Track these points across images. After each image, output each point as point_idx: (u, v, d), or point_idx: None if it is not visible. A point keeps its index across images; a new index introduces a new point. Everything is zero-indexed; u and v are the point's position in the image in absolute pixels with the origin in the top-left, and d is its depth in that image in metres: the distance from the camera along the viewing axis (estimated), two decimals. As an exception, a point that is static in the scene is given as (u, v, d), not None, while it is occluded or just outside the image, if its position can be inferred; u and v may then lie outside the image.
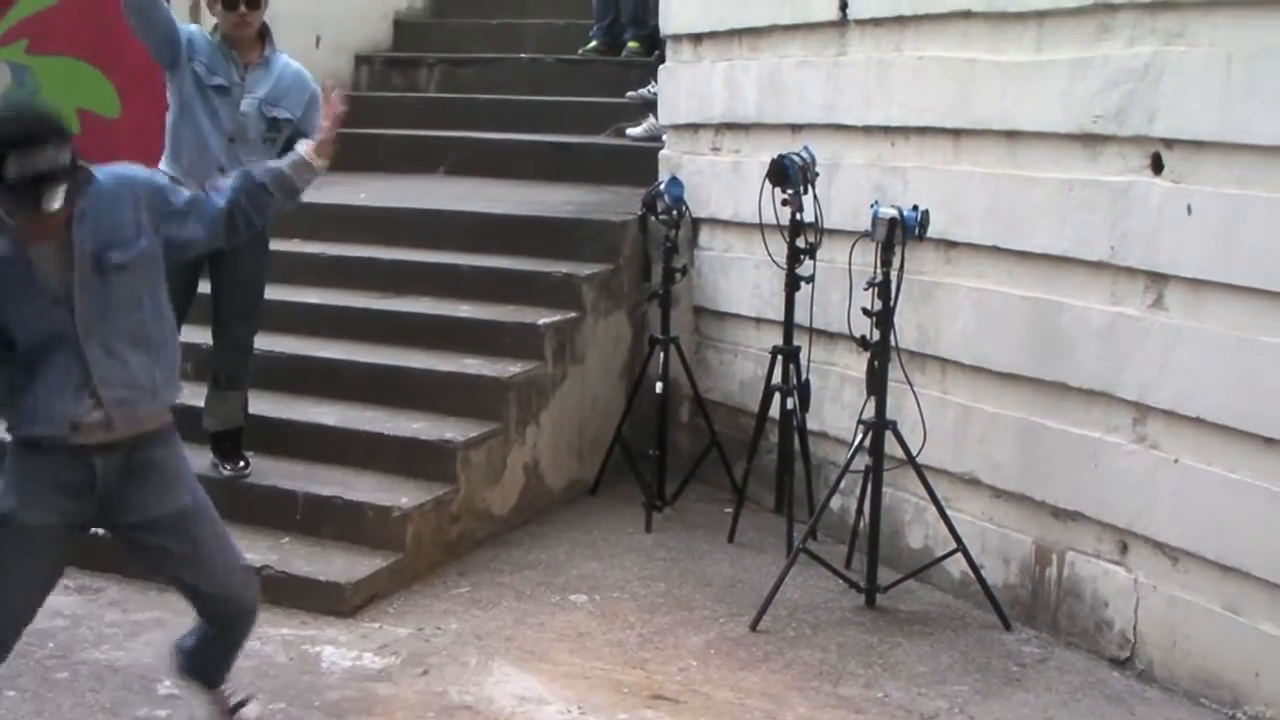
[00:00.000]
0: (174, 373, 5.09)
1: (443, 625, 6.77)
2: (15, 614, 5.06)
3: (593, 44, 11.71)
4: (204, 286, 7.37)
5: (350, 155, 10.60)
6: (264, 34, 7.40)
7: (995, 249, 6.82)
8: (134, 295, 4.88)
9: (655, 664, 6.41)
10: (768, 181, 7.47)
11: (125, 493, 4.97)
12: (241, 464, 7.57)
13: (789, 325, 7.69)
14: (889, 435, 6.79)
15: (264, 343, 7.75)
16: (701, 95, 8.89)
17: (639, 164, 9.64)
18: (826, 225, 7.47)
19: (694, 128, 9.02)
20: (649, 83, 10.22)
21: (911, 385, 6.86)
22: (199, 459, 6.79)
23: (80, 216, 4.75)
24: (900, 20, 7.32)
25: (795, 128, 8.06)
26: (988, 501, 6.95)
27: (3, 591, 4.99)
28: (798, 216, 7.45)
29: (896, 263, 6.65)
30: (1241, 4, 5.71)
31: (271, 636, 6.51)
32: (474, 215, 9.28)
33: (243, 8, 7.19)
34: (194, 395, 7.16)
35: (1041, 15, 6.52)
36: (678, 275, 8.24)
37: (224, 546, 5.26)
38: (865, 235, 6.79)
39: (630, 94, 10.65)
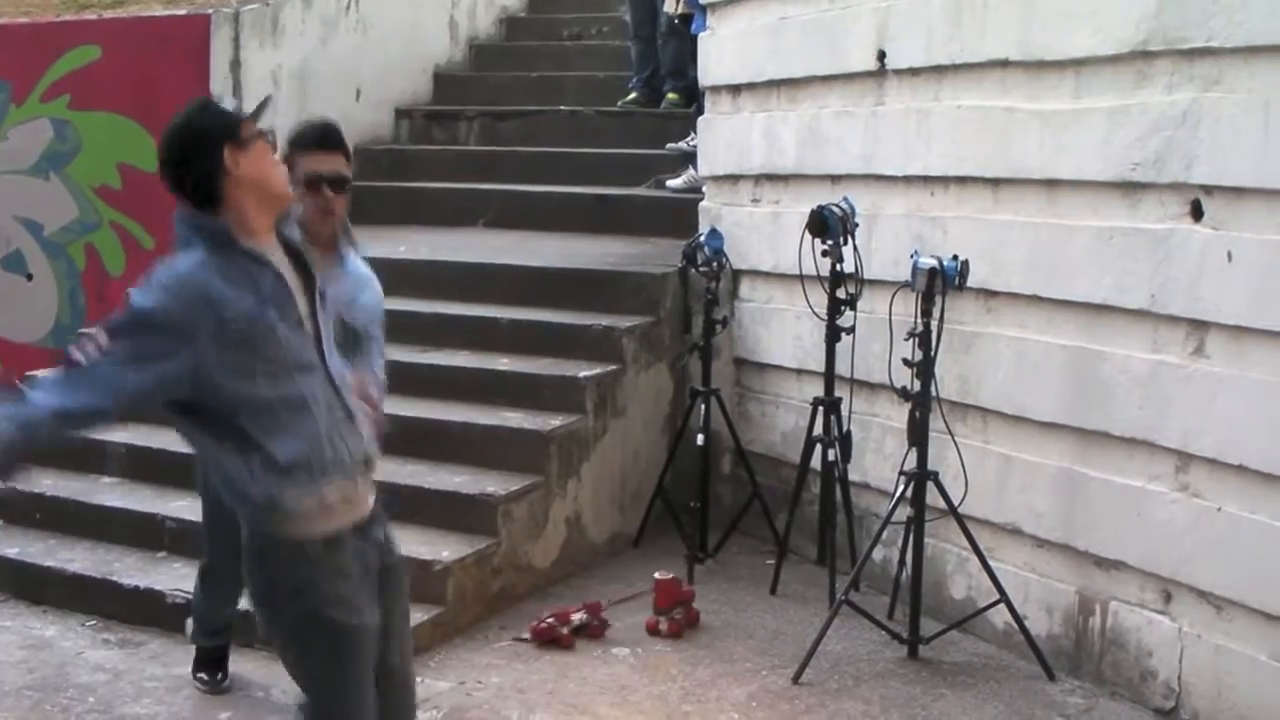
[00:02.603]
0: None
1: (484, 679, 6.75)
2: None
3: (632, 96, 11.74)
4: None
5: (390, 208, 10.77)
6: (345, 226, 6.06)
7: (1035, 298, 6.80)
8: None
9: (697, 717, 6.39)
10: (807, 232, 7.46)
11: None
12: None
13: (830, 376, 7.67)
14: (931, 486, 6.77)
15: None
16: (740, 146, 8.90)
17: (679, 216, 9.65)
18: (867, 276, 7.46)
19: (733, 179, 9.03)
20: (688, 134, 10.24)
21: (953, 435, 6.83)
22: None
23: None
24: (938, 70, 7.33)
25: (834, 178, 8.05)
26: (1030, 551, 6.91)
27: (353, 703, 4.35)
28: (838, 267, 7.44)
29: (937, 313, 6.64)
30: (1280, 50, 5.70)
31: (313, 690, 6.50)
32: (514, 268, 9.30)
33: (327, 190, 5.69)
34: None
35: (1079, 64, 6.51)
36: (718, 327, 8.24)
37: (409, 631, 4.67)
38: (905, 286, 6.78)
39: (670, 146, 10.66)
